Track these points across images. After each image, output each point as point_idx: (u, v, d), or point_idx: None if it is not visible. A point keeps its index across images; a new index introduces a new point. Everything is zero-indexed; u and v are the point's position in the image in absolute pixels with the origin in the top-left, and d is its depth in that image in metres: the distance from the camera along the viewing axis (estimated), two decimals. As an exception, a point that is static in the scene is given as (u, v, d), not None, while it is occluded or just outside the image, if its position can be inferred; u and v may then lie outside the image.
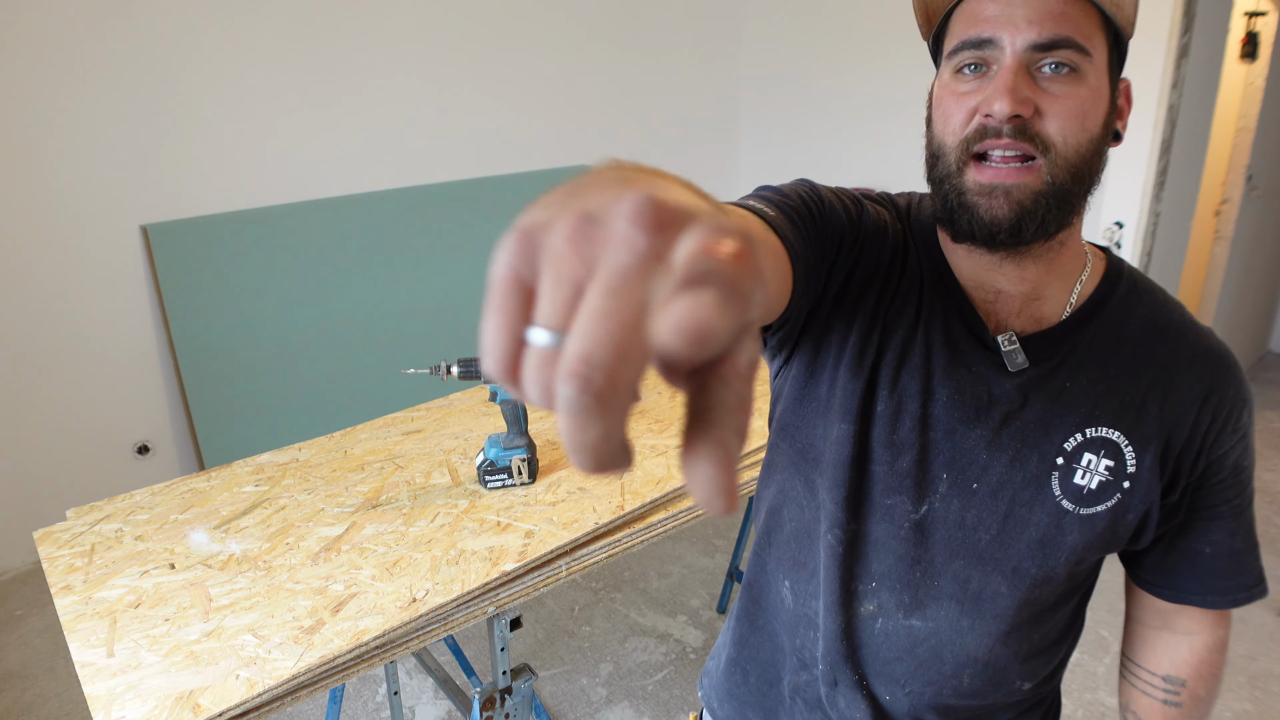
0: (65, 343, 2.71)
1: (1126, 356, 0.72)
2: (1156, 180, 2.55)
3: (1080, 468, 0.72)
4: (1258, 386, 4.14)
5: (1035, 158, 0.63)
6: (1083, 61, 0.62)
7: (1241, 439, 0.75)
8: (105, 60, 2.58)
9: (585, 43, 3.61)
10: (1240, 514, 0.77)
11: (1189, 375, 0.72)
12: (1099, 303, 0.73)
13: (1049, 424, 0.72)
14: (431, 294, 3.35)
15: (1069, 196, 0.65)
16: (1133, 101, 0.67)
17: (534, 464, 1.47)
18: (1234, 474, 0.75)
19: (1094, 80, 0.63)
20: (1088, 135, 0.64)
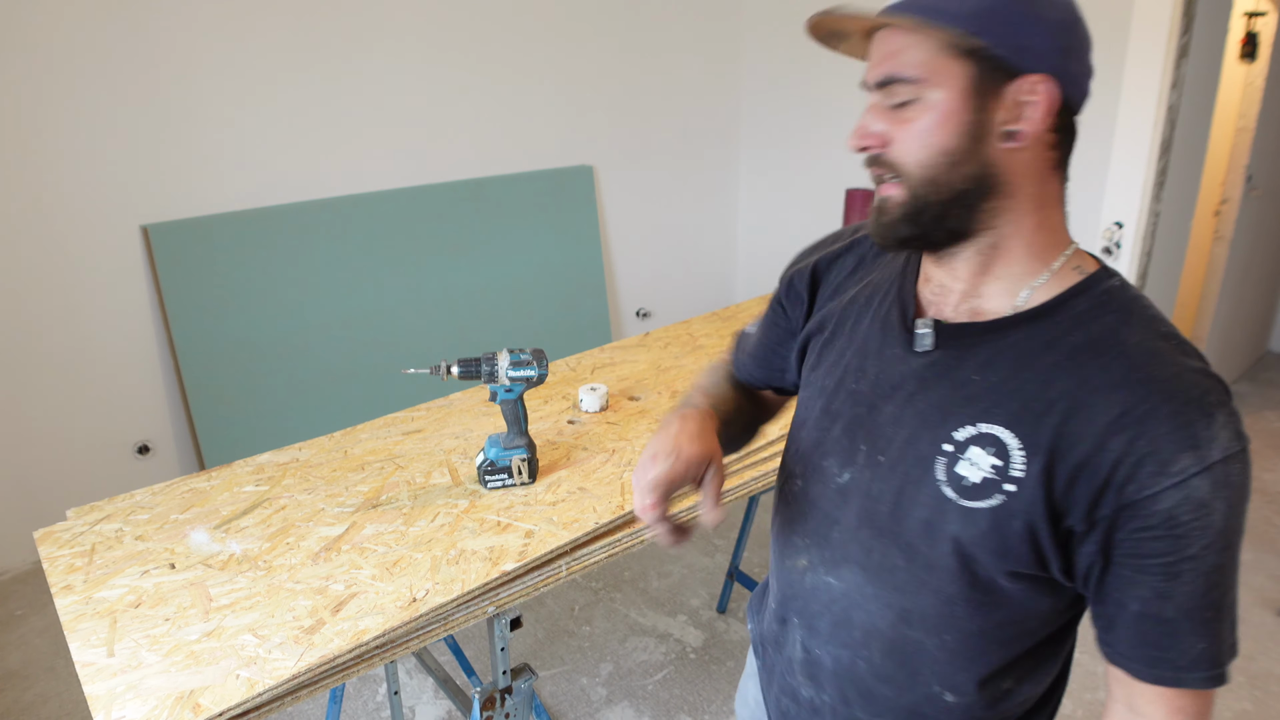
0: (65, 342, 2.71)
1: (1047, 364, 0.71)
2: (1156, 180, 2.55)
3: (965, 459, 0.73)
4: (1258, 386, 4.14)
5: (897, 177, 0.73)
6: (921, 90, 0.70)
7: (1181, 488, 0.65)
8: (105, 60, 2.58)
9: (586, 43, 3.61)
10: (1175, 577, 0.67)
11: (1110, 397, 0.68)
12: (1049, 310, 0.73)
13: (946, 410, 0.75)
14: (431, 294, 3.35)
15: (936, 205, 0.72)
16: (1046, 93, 0.69)
17: (534, 464, 1.47)
18: (1167, 526, 0.66)
19: (941, 103, 0.69)
20: (934, 151, 0.70)
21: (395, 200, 3.23)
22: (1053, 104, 0.69)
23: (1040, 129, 0.70)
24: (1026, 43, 0.68)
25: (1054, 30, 0.69)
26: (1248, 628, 2.45)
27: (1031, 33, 0.68)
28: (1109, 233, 2.65)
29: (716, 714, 2.19)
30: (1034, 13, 0.68)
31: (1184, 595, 0.68)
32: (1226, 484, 0.66)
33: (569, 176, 3.71)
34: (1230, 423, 0.67)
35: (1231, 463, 0.66)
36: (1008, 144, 0.70)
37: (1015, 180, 0.71)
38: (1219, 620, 0.69)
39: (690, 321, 2.38)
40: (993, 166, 0.70)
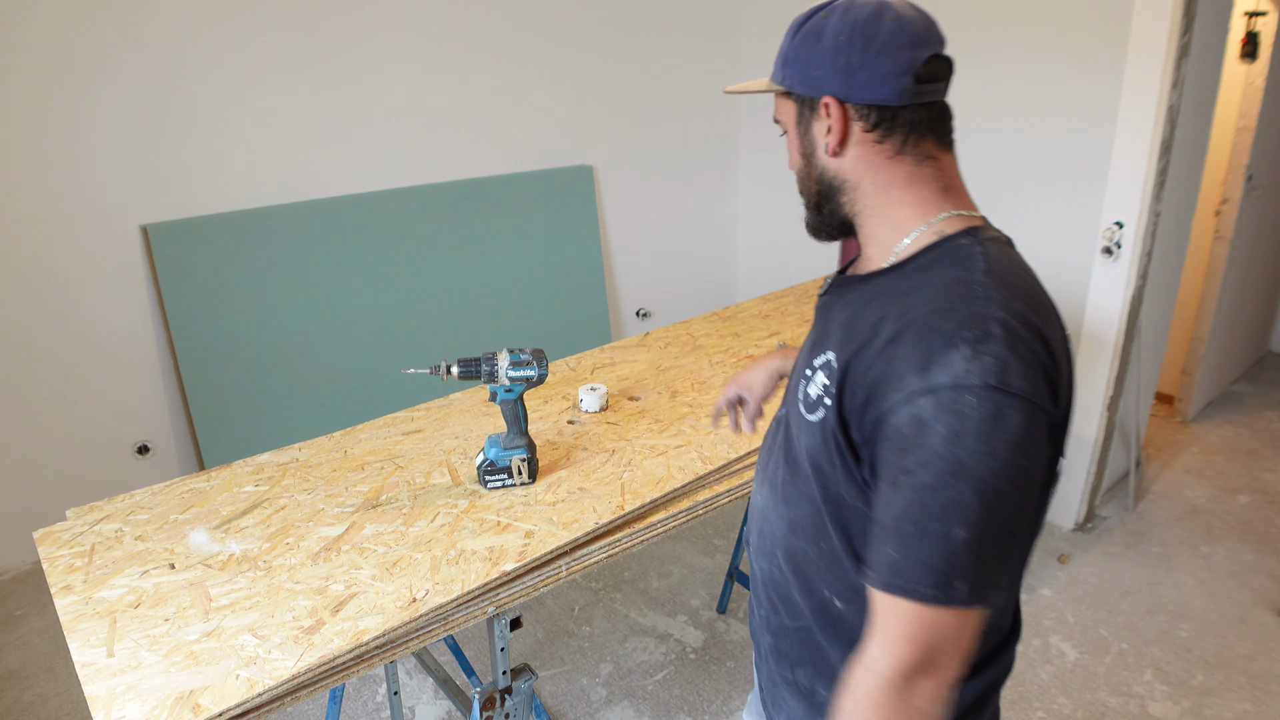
0: (65, 343, 2.71)
1: (877, 304, 0.82)
2: (1156, 180, 2.55)
3: (810, 380, 0.87)
4: (1258, 386, 4.14)
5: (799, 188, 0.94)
6: (785, 128, 0.92)
7: (908, 405, 0.72)
8: (105, 60, 2.58)
9: (586, 43, 3.61)
10: (894, 487, 0.74)
11: (890, 328, 0.78)
12: (900, 265, 0.84)
13: (817, 342, 0.90)
14: (431, 294, 3.35)
15: (814, 206, 0.92)
16: (835, 109, 0.84)
17: (534, 464, 1.47)
18: (896, 439, 0.74)
19: (790, 136, 0.91)
20: (795, 169, 0.93)
21: (395, 200, 3.23)
22: (842, 115, 0.84)
23: (845, 135, 0.85)
24: (813, 74, 0.84)
25: (829, 57, 0.83)
26: (1248, 628, 2.45)
27: (814, 64, 0.84)
28: (1109, 233, 2.64)
29: (716, 714, 2.18)
30: (812, 51, 0.84)
31: (895, 504, 0.74)
32: (951, 411, 0.71)
33: (569, 176, 3.70)
34: (977, 356, 0.72)
35: (962, 393, 0.71)
36: (831, 153, 0.86)
37: (853, 176, 0.87)
38: (920, 539, 0.72)
39: (690, 321, 2.38)
40: (828, 171, 0.88)
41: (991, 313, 0.74)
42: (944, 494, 0.71)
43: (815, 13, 0.86)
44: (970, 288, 0.77)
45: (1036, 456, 0.74)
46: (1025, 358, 0.73)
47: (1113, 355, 2.75)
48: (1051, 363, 0.76)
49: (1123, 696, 2.22)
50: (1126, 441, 3.15)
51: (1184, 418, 3.77)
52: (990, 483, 0.71)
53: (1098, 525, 2.99)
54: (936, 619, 0.73)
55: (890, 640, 0.75)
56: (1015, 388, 0.71)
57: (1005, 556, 0.75)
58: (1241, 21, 3.32)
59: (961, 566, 0.72)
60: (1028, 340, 0.74)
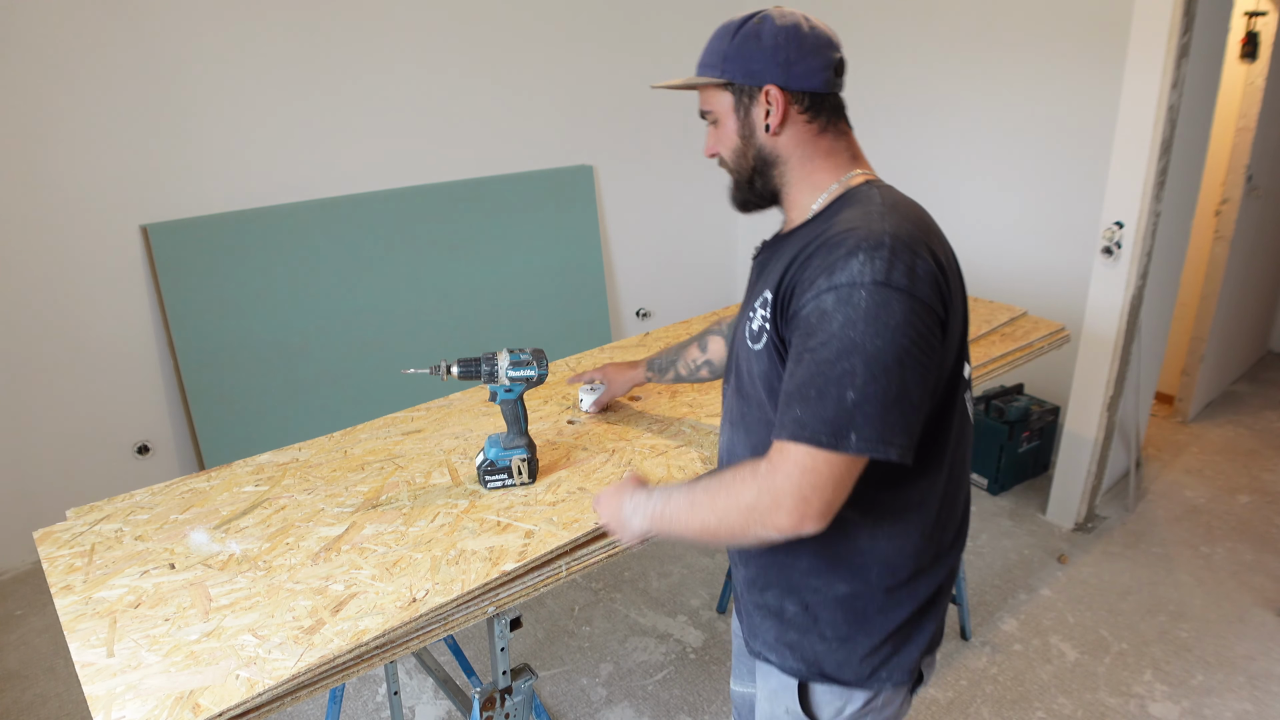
0: (65, 342, 2.71)
1: (797, 243, 1.02)
2: (1156, 180, 2.55)
3: (753, 314, 1.05)
4: (1258, 386, 4.14)
5: (729, 170, 1.12)
6: (716, 116, 1.09)
7: (816, 300, 0.92)
8: (105, 60, 2.58)
9: (586, 43, 3.61)
10: (798, 362, 0.93)
11: (803, 251, 0.98)
12: (817, 215, 1.05)
13: (756, 288, 1.08)
14: (431, 294, 3.35)
15: (747, 181, 1.10)
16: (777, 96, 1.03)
17: (534, 464, 1.47)
18: (803, 326, 0.93)
19: (725, 121, 1.08)
20: (730, 150, 1.10)
21: (395, 200, 3.23)
22: (783, 101, 1.04)
23: (784, 117, 1.05)
24: (754, 68, 1.03)
25: (769, 54, 1.02)
26: (1248, 628, 2.46)
27: (755, 60, 1.03)
28: (1109, 232, 2.64)
29: (716, 714, 2.18)
30: (753, 48, 1.03)
31: (799, 376, 0.93)
32: (849, 303, 0.90)
33: (569, 176, 3.70)
34: (870, 261, 0.91)
35: (856, 289, 0.90)
36: (770, 134, 1.06)
37: (784, 152, 1.07)
38: (821, 399, 0.90)
39: (690, 321, 2.38)
40: (766, 148, 1.07)
41: (885, 229, 0.93)
42: (839, 365, 0.90)
43: (747, 20, 1.05)
44: (869, 214, 0.97)
45: (919, 340, 0.91)
46: (909, 263, 0.91)
47: (1113, 355, 2.75)
48: (938, 269, 0.95)
49: (1123, 696, 2.22)
50: (1126, 441, 3.15)
51: (1184, 418, 3.77)
52: (876, 357, 0.89)
53: (1098, 525, 2.99)
54: (829, 461, 0.91)
55: (783, 478, 0.92)
56: (898, 284, 0.90)
57: (897, 418, 0.90)
58: (1241, 21, 3.32)
59: (852, 422, 0.89)
60: (914, 250, 0.92)
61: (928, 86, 3.47)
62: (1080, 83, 2.99)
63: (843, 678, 1.09)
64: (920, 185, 3.61)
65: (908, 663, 1.10)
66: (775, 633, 1.12)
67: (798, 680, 1.12)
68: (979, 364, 2.02)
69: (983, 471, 3.24)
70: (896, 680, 1.10)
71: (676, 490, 1.06)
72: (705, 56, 1.09)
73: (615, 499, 1.15)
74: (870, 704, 1.11)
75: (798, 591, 1.09)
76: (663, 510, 1.06)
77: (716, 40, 1.07)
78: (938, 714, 2.17)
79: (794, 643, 1.11)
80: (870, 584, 1.06)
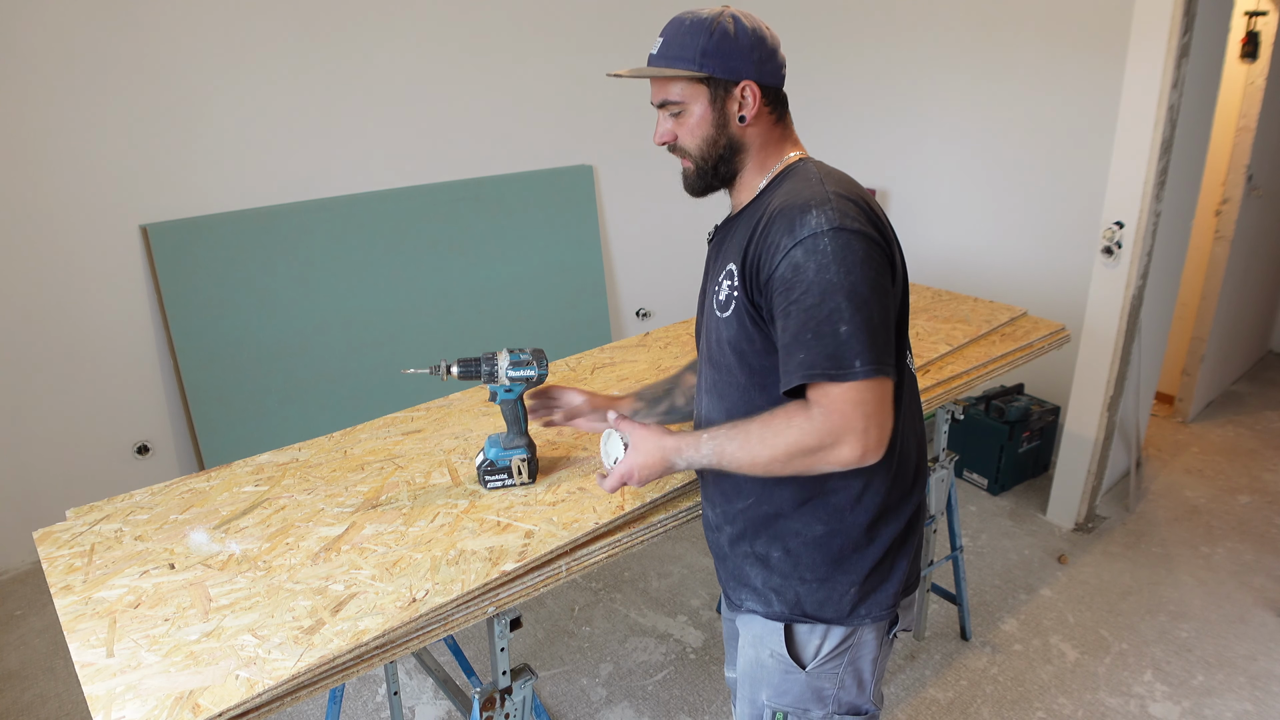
0: (65, 343, 2.71)
1: (749, 218, 1.15)
2: (1156, 180, 2.55)
3: (719, 287, 1.17)
4: (1258, 386, 4.14)
5: (688, 155, 1.20)
6: (685, 105, 1.17)
7: (786, 258, 1.04)
8: (105, 60, 2.58)
9: (586, 43, 3.61)
10: (787, 316, 1.04)
11: (760, 221, 1.10)
12: (761, 191, 1.18)
13: (717, 264, 1.21)
14: (431, 294, 3.35)
15: (711, 168, 1.19)
16: (754, 91, 1.14)
17: (534, 464, 1.47)
18: (782, 284, 1.04)
19: (697, 111, 1.16)
20: (701, 140, 1.17)
21: (395, 200, 3.23)
22: (758, 95, 1.15)
23: (757, 110, 1.15)
24: (733, 64, 1.13)
25: (746, 52, 1.13)
26: (1248, 628, 2.45)
27: (734, 57, 1.13)
28: (1109, 232, 2.64)
29: (716, 714, 2.18)
30: (732, 45, 1.12)
31: (791, 326, 1.04)
32: (816, 251, 1.02)
33: (569, 176, 3.70)
34: (823, 213, 1.03)
35: (819, 237, 1.02)
36: (743, 125, 1.16)
37: (748, 140, 1.18)
38: (817, 340, 1.01)
39: (690, 321, 2.37)
40: (735, 137, 1.18)
41: (827, 189, 1.08)
42: (825, 306, 1.01)
43: (718, 17, 1.13)
44: (809, 181, 1.11)
45: (881, 271, 1.05)
46: (855, 212, 1.05)
47: (1113, 355, 2.75)
48: (877, 218, 1.09)
49: (1123, 696, 2.22)
50: (1127, 441, 3.14)
51: (1184, 417, 3.77)
52: (854, 289, 1.01)
53: (1098, 525, 2.99)
54: (857, 392, 1.01)
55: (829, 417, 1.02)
56: (852, 225, 1.03)
57: (885, 341, 1.03)
58: (1241, 21, 3.31)
59: (854, 350, 1.00)
60: (855, 204, 1.07)
61: (928, 87, 3.47)
62: (1080, 83, 2.99)
63: (823, 615, 1.19)
64: (921, 185, 3.61)
65: (885, 599, 1.20)
66: (762, 578, 1.22)
67: (782, 624, 1.22)
68: (979, 364, 2.02)
69: (983, 471, 3.24)
70: (875, 616, 1.20)
71: (729, 437, 1.11)
72: (673, 50, 1.15)
73: (654, 445, 1.18)
74: (848, 640, 1.22)
75: (781, 538, 1.20)
76: (726, 459, 1.11)
77: (689, 36, 1.13)
78: (938, 714, 2.17)
79: (778, 587, 1.21)
80: (845, 522, 1.17)
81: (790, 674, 1.23)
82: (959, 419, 2.57)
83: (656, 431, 1.20)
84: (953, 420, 2.25)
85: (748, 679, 1.29)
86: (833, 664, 1.22)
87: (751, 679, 1.28)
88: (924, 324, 2.24)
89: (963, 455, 3.28)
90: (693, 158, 1.19)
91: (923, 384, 1.90)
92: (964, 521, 3.03)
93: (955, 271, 3.56)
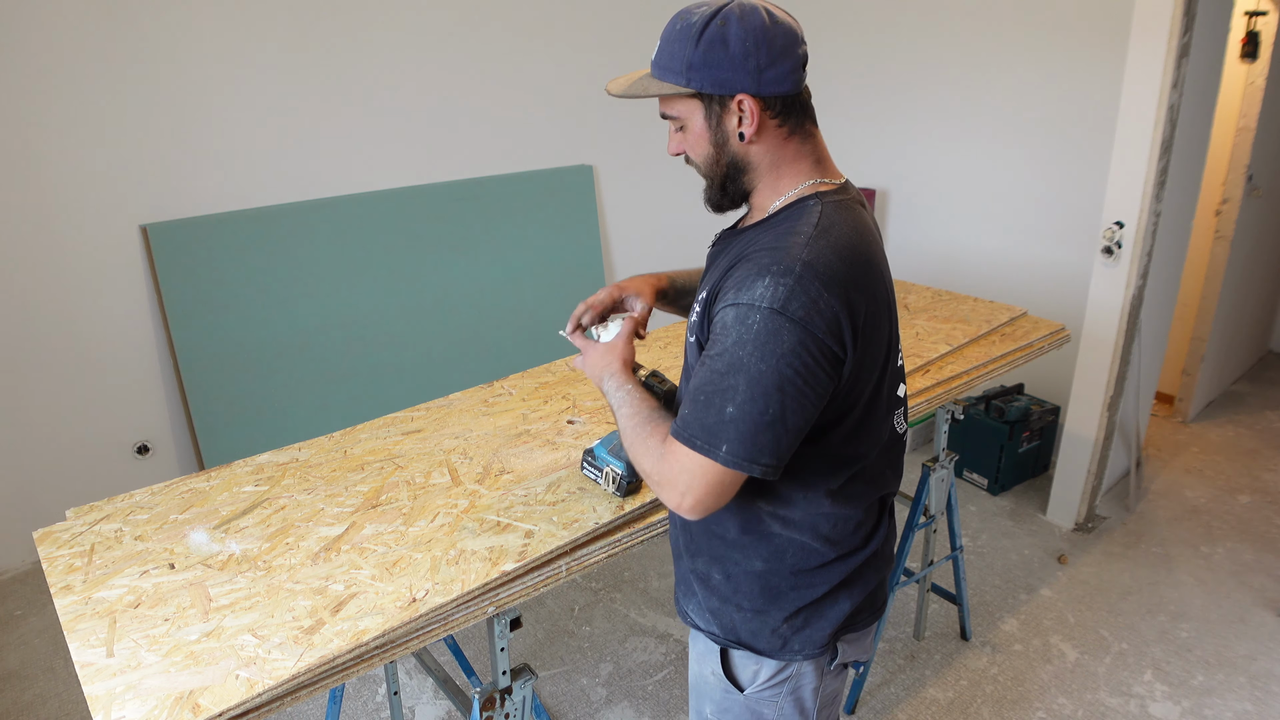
0: (65, 343, 2.71)
1: (739, 245, 1.07)
2: (1156, 180, 2.55)
3: (696, 310, 1.10)
4: (1258, 386, 4.14)
5: (698, 170, 1.11)
6: (683, 121, 1.07)
7: (723, 312, 0.99)
8: (105, 60, 2.58)
9: (586, 43, 3.61)
10: (701, 364, 1.00)
11: (736, 253, 1.05)
12: (768, 217, 1.07)
13: (703, 282, 1.13)
14: (431, 294, 3.35)
15: (719, 184, 1.09)
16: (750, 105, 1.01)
17: (626, 484, 1.41)
18: (711, 331, 1.01)
19: (694, 128, 1.06)
20: (702, 157, 1.08)
21: (395, 200, 3.23)
22: (756, 109, 1.01)
23: (758, 126, 1.02)
24: (723, 76, 0.99)
25: (739, 62, 0.98)
26: (1248, 628, 2.45)
27: (723, 68, 0.99)
28: (1109, 232, 2.64)
29: (717, 714, 2.18)
30: (720, 56, 0.98)
31: (697, 378, 1.00)
32: (744, 323, 0.96)
33: (569, 176, 3.70)
34: (773, 287, 0.95)
35: (754, 311, 0.95)
36: (744, 142, 1.04)
37: (756, 158, 1.06)
38: (706, 407, 0.98)
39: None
40: (738, 156, 1.06)
41: (801, 257, 0.97)
42: (726, 379, 0.96)
43: (710, 21, 0.99)
44: (796, 236, 1.00)
45: (804, 370, 0.96)
46: (813, 296, 0.95)
47: (1113, 355, 2.75)
48: (847, 310, 0.97)
49: (1123, 696, 2.22)
50: (1127, 441, 3.14)
51: (1184, 417, 3.77)
52: (758, 380, 0.95)
53: (1098, 525, 2.99)
54: (703, 467, 0.98)
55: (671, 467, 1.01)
56: (794, 315, 0.94)
57: (771, 442, 0.97)
58: (1242, 21, 3.31)
59: (727, 434, 0.96)
60: (824, 284, 0.95)
61: (928, 87, 3.47)
62: (1080, 83, 2.99)
63: (756, 646, 1.17)
64: (921, 185, 3.62)
65: (818, 638, 1.16)
66: (702, 597, 1.20)
67: (719, 646, 1.20)
68: (979, 364, 2.02)
69: (983, 471, 3.24)
70: (806, 654, 1.16)
71: (628, 407, 1.13)
72: (664, 59, 1.03)
73: (600, 362, 1.22)
74: (783, 673, 1.18)
75: (722, 561, 1.17)
76: (616, 410, 1.15)
77: (677, 44, 1.01)
78: (938, 714, 2.17)
79: (716, 609, 1.19)
80: (784, 564, 1.13)
81: (730, 694, 1.22)
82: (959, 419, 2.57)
83: (612, 354, 1.22)
84: (953, 420, 2.25)
85: (694, 690, 1.30)
86: (770, 692, 1.20)
87: (697, 691, 1.29)
88: (924, 324, 2.24)
89: (963, 455, 3.28)
90: (702, 172, 1.11)
91: (923, 384, 1.90)
92: (964, 521, 3.03)
93: (955, 271, 3.56)
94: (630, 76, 1.10)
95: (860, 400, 1.06)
